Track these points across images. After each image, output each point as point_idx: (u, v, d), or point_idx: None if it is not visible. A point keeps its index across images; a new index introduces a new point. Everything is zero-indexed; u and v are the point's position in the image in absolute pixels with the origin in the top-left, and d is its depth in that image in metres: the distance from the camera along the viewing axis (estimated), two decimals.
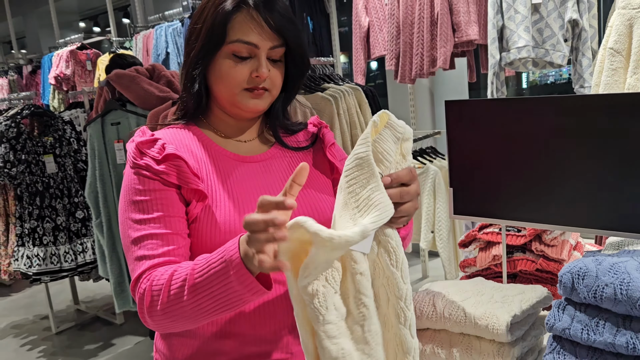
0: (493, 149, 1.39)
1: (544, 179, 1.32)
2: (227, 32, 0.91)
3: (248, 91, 0.94)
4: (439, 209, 3.22)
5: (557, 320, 1.01)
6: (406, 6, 3.18)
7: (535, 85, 6.68)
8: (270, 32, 0.92)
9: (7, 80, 5.85)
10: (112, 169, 2.71)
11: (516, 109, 1.35)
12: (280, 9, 0.93)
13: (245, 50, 0.92)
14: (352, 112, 2.59)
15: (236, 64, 0.92)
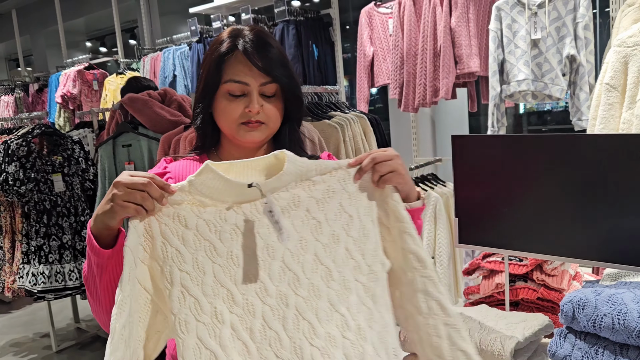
0: (497, 181, 1.47)
1: (545, 211, 1.39)
2: (221, 74, 1.02)
3: (244, 125, 1.03)
4: (439, 235, 3.28)
5: (559, 348, 1.07)
6: (410, 38, 3.29)
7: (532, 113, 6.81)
8: (258, 71, 1.01)
9: (14, 98, 5.93)
10: None
11: (519, 144, 1.43)
12: (268, 51, 1.02)
13: (237, 89, 1.02)
14: (358, 139, 2.67)
15: (231, 102, 1.03)
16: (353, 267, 0.89)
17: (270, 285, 0.84)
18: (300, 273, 0.86)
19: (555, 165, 1.37)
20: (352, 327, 0.86)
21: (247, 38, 1.01)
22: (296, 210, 0.88)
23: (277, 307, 0.84)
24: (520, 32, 2.87)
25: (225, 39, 1.03)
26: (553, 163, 1.37)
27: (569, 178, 1.35)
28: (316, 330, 0.84)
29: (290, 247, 0.87)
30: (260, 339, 0.82)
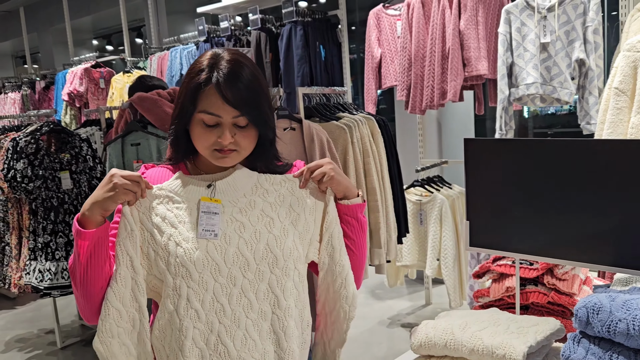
0: (509, 185, 1.47)
1: (557, 216, 1.39)
2: (196, 103, 1.08)
3: (217, 151, 1.10)
4: (445, 237, 3.29)
5: (573, 352, 1.07)
6: (418, 40, 3.29)
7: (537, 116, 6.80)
8: (229, 106, 1.06)
9: (20, 95, 5.94)
10: None
11: (531, 149, 1.43)
12: (240, 84, 1.07)
13: (210, 120, 1.08)
14: (365, 141, 2.67)
15: (205, 131, 1.09)
16: (296, 257, 1.10)
17: (224, 267, 1.05)
18: (251, 259, 1.07)
19: (567, 170, 1.37)
20: (283, 306, 1.08)
21: (222, 72, 1.06)
22: (252, 210, 1.10)
23: (226, 285, 1.05)
24: (530, 35, 2.87)
25: (203, 67, 1.08)
26: (566, 167, 1.37)
27: (581, 182, 1.35)
28: (252, 306, 1.07)
29: (246, 237, 1.07)
30: (208, 308, 1.05)
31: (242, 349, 1.05)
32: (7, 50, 8.88)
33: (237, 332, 1.05)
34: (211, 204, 1.08)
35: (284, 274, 1.08)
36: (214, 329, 1.04)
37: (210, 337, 1.04)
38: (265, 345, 1.07)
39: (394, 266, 3.57)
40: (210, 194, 1.10)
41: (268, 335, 1.07)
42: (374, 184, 2.65)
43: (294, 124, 2.43)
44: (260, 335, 1.06)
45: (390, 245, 2.77)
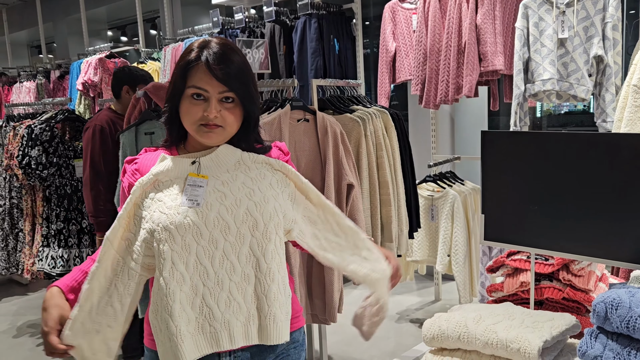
0: (525, 179, 1.45)
1: (575, 210, 1.37)
2: (186, 80, 1.13)
3: (203, 126, 1.14)
4: (456, 233, 3.27)
5: (590, 348, 1.06)
6: (434, 34, 3.27)
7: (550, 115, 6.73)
8: (217, 81, 1.12)
9: (35, 84, 5.99)
10: None
11: (549, 142, 1.41)
12: (229, 63, 1.13)
13: (197, 92, 1.13)
14: (379, 134, 2.66)
15: (192, 105, 1.14)
16: (277, 223, 1.14)
17: (205, 230, 1.09)
18: (232, 222, 1.11)
19: (586, 164, 1.35)
20: (264, 269, 1.11)
21: (211, 50, 1.13)
22: (234, 182, 1.15)
23: (208, 248, 1.09)
24: (547, 30, 2.83)
25: (194, 48, 1.15)
26: (584, 161, 1.35)
27: (599, 177, 1.34)
28: (235, 269, 1.10)
29: (226, 204, 1.12)
30: (192, 271, 1.09)
31: (226, 310, 1.09)
32: (22, 39, 8.95)
33: (221, 294, 1.09)
34: (197, 178, 1.14)
35: (265, 237, 1.11)
36: (198, 292, 1.08)
37: (195, 300, 1.08)
38: (250, 309, 1.10)
39: (404, 261, 3.56)
40: (196, 169, 1.15)
41: (252, 299, 1.11)
42: (386, 177, 2.63)
43: (307, 115, 2.43)
44: (245, 298, 1.10)
45: (402, 239, 2.76)
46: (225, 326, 1.08)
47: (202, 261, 1.09)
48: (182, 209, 1.10)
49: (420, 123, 4.21)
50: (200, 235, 1.09)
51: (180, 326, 1.06)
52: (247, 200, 1.12)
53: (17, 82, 6.34)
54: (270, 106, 2.48)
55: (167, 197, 1.13)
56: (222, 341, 1.09)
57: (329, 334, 3.12)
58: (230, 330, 1.09)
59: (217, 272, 1.09)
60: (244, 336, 1.10)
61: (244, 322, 1.10)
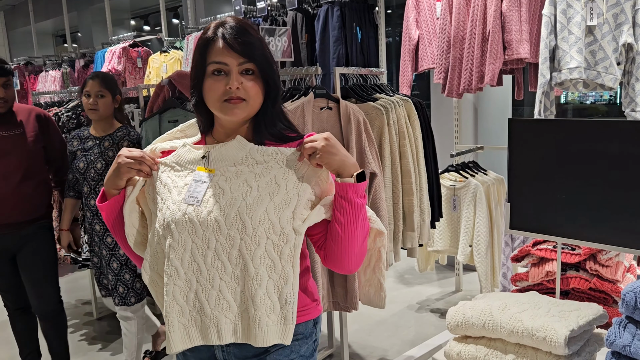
0: (552, 167, 1.43)
1: (603, 199, 1.35)
2: (206, 57, 1.15)
3: (227, 102, 1.14)
4: (478, 224, 3.24)
5: (618, 337, 1.05)
6: (458, 22, 3.22)
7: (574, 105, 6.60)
8: (235, 52, 1.13)
9: (61, 73, 6.08)
10: None
11: (578, 130, 1.39)
12: (246, 36, 1.15)
13: (217, 67, 1.14)
14: (402, 122, 2.65)
15: (214, 82, 1.14)
16: (268, 227, 1.12)
17: (199, 229, 1.13)
18: (222, 224, 1.12)
19: (614, 152, 1.33)
20: (251, 273, 1.11)
21: (227, 26, 1.15)
22: (237, 179, 1.15)
23: (202, 246, 1.13)
24: (575, 17, 2.77)
25: (210, 28, 1.17)
26: (612, 150, 1.33)
27: (629, 165, 1.31)
28: (226, 269, 1.12)
29: (222, 203, 1.13)
30: (187, 267, 1.13)
31: (215, 307, 1.12)
32: (48, 29, 9.08)
33: (212, 292, 1.12)
34: (203, 173, 1.17)
35: (254, 241, 1.11)
36: (192, 287, 1.13)
37: (189, 294, 1.13)
38: (240, 308, 1.13)
39: (425, 251, 3.55)
40: (205, 163, 1.18)
41: (241, 300, 1.13)
42: (409, 166, 2.62)
43: (330, 103, 2.42)
44: (235, 297, 1.13)
45: (423, 229, 2.75)
46: (213, 322, 1.12)
47: (195, 258, 1.13)
48: (183, 206, 1.14)
49: (442, 112, 4.17)
50: (195, 233, 1.12)
51: (171, 317, 1.13)
52: (241, 200, 1.12)
53: (43, 71, 6.45)
54: (294, 94, 2.48)
55: (175, 190, 1.17)
56: (211, 336, 1.13)
57: (350, 322, 3.14)
58: (219, 326, 1.12)
59: (209, 270, 1.12)
60: (233, 333, 1.13)
61: (233, 320, 1.13)
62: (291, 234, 1.13)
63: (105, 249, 2.63)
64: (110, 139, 2.62)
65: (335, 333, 3.08)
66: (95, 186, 2.62)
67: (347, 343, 2.80)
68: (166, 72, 4.89)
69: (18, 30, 8.98)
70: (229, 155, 1.17)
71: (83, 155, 2.61)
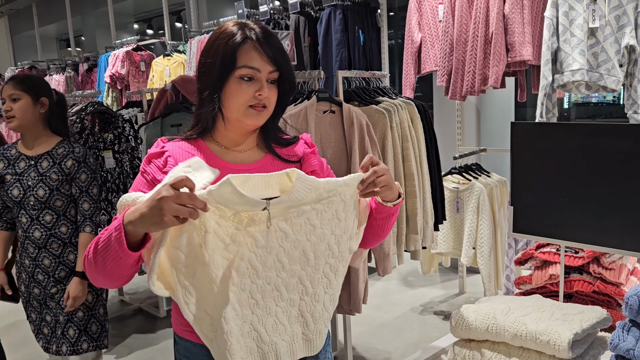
0: (556, 170, 1.44)
1: (607, 203, 1.35)
2: (235, 60, 1.12)
3: (251, 107, 1.14)
4: (481, 226, 3.24)
5: (622, 341, 1.05)
6: (460, 24, 3.23)
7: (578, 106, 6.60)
8: (268, 60, 1.13)
9: (64, 77, 6.11)
10: None
11: (582, 133, 1.39)
12: (275, 43, 1.15)
13: (249, 73, 1.13)
14: (405, 126, 2.65)
15: (243, 86, 1.13)
16: (328, 255, 1.16)
17: (262, 272, 1.10)
18: (286, 263, 1.12)
19: (618, 155, 1.33)
20: (310, 293, 1.15)
21: (255, 30, 1.13)
22: (298, 218, 1.10)
23: (262, 285, 1.11)
24: (578, 20, 2.77)
25: (235, 31, 1.13)
26: (615, 153, 1.33)
27: (632, 168, 1.31)
28: (282, 296, 1.13)
29: (285, 246, 1.11)
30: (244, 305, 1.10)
31: (273, 333, 1.13)
32: (51, 33, 9.13)
33: (268, 319, 1.13)
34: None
35: (314, 269, 1.15)
36: (246, 320, 1.11)
37: (244, 327, 1.11)
38: (293, 328, 1.15)
39: (429, 253, 3.55)
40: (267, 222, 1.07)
41: (296, 319, 1.15)
42: (412, 169, 2.63)
43: (333, 106, 2.43)
44: (289, 319, 1.15)
45: (427, 231, 2.75)
46: (272, 348, 1.13)
47: (254, 296, 1.11)
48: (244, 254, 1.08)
49: (445, 114, 4.17)
50: (257, 276, 1.11)
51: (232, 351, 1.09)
52: (305, 240, 1.12)
53: (47, 75, 6.49)
54: (297, 98, 2.49)
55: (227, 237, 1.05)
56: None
57: (353, 324, 3.14)
58: (277, 350, 1.14)
59: (266, 302, 1.12)
60: (289, 354, 1.16)
61: (289, 341, 1.16)
62: (346, 254, 1.18)
63: (37, 287, 2.19)
64: (50, 157, 2.14)
65: (339, 336, 3.08)
66: (38, 216, 2.13)
67: (350, 346, 2.80)
68: (169, 76, 4.91)
69: (22, 34, 9.03)
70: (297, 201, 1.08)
71: (16, 180, 2.12)
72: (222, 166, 1.16)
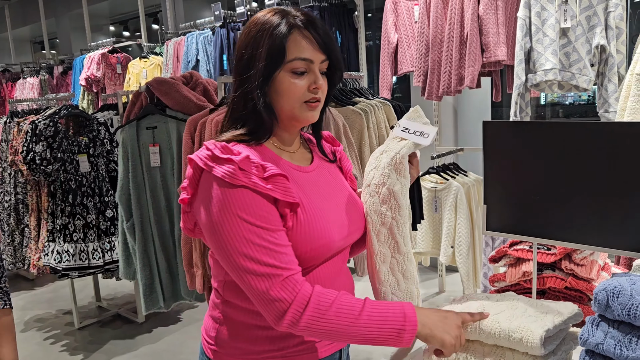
0: (527, 169, 1.45)
1: (576, 200, 1.37)
2: (285, 53, 1.00)
3: (306, 103, 1.03)
4: (459, 225, 3.27)
5: (591, 336, 1.06)
6: (436, 25, 3.26)
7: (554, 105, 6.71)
8: (319, 48, 1.02)
9: (39, 80, 6.01)
10: (146, 172, 2.80)
11: (551, 131, 1.41)
12: (323, 29, 1.03)
13: (302, 66, 1.01)
14: (381, 126, 2.66)
15: (295, 80, 1.01)
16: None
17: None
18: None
19: (588, 153, 1.35)
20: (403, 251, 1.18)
21: (299, 18, 1.01)
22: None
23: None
24: (550, 20, 2.82)
25: (277, 19, 1.01)
26: (586, 151, 1.35)
27: (602, 166, 1.33)
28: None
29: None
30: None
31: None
32: (25, 35, 8.96)
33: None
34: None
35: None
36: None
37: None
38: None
39: None
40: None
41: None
42: None
43: None
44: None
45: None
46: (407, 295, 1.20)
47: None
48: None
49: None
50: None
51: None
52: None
53: (21, 78, 6.37)
54: None
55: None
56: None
57: None
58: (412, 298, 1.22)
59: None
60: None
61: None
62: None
63: None
64: None
65: None
66: None
67: None
68: (146, 78, 4.86)
69: None
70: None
71: None
72: (290, 169, 1.06)
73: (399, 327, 0.98)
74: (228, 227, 0.95)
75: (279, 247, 0.96)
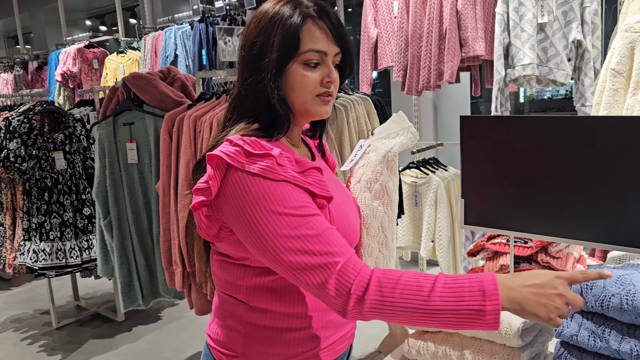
0: (504, 163, 1.46)
1: (552, 194, 1.39)
2: (299, 44, 0.95)
3: (319, 97, 0.99)
4: (440, 219, 3.29)
5: (566, 327, 1.08)
6: (415, 20, 3.26)
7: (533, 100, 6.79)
8: (334, 40, 0.99)
9: (13, 75, 5.88)
10: (124, 169, 2.76)
11: (528, 126, 1.42)
12: (337, 18, 1.00)
13: (316, 58, 0.97)
14: (361, 121, 2.66)
15: (309, 72, 0.97)
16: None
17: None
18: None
19: (563, 147, 1.36)
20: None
21: (312, 8, 0.97)
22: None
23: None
24: (527, 15, 2.84)
25: (289, 8, 0.96)
26: (561, 144, 1.36)
27: (577, 160, 1.35)
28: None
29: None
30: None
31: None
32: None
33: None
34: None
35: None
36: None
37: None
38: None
39: None
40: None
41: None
42: None
43: None
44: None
45: None
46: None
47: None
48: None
49: (403, 109, 4.19)
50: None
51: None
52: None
53: None
54: None
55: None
56: None
57: None
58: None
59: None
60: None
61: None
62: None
63: None
64: None
65: None
66: None
67: None
68: (123, 73, 4.78)
69: None
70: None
71: None
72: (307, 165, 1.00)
73: (476, 308, 0.81)
74: (272, 225, 0.89)
75: (326, 231, 0.90)
